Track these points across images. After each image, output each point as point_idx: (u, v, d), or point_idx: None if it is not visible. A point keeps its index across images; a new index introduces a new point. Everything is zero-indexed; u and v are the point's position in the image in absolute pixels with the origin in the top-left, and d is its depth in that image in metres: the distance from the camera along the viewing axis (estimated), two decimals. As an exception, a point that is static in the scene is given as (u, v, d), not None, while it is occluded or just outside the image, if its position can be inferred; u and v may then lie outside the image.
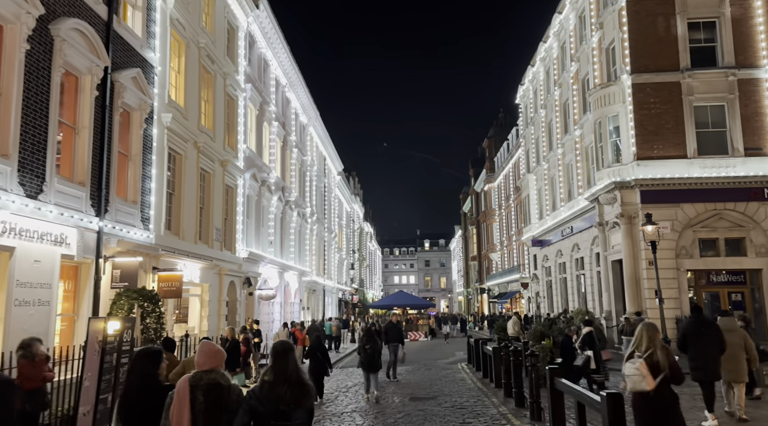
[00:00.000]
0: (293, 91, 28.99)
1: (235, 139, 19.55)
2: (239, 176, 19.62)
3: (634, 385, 5.52)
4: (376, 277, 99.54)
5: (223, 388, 4.07)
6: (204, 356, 4.20)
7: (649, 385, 5.42)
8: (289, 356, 4.16)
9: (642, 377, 5.44)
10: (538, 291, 37.77)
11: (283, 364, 4.09)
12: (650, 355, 5.56)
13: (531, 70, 37.28)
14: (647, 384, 5.42)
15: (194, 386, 4.04)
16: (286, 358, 4.13)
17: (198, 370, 4.15)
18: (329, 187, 42.82)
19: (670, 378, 5.51)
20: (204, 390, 4.02)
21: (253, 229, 21.60)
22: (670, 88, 21.87)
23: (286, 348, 4.24)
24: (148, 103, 12.86)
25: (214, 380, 4.07)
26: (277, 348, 4.24)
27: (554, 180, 32.77)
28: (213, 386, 4.04)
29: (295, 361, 4.17)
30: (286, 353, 4.17)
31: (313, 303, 35.46)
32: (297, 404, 3.99)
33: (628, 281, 21.61)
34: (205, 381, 4.06)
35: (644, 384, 5.43)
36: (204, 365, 4.16)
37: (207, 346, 4.30)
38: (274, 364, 4.14)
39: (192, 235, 15.71)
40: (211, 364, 4.16)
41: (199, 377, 4.08)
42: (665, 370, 5.48)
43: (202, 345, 4.35)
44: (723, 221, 21.12)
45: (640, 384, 5.46)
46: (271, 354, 4.27)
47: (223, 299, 17.78)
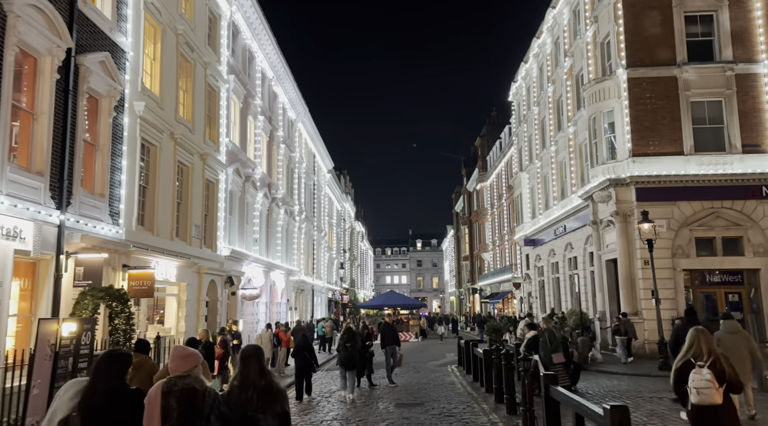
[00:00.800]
0: (280, 85, 28.21)
1: (217, 133, 18.77)
2: (221, 171, 18.84)
3: (706, 398, 5.16)
4: (367, 277, 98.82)
5: (198, 393, 3.88)
6: (177, 360, 4.04)
7: (721, 398, 5.14)
8: (258, 360, 3.97)
9: (715, 390, 5.13)
10: (530, 291, 37.19)
11: (249, 368, 3.91)
12: (713, 364, 5.28)
13: (524, 67, 36.69)
14: (719, 396, 5.13)
15: (167, 392, 3.86)
16: (254, 361, 3.95)
17: (172, 376, 3.97)
18: (319, 185, 42.05)
19: (729, 387, 5.25)
20: (178, 396, 3.84)
21: (237, 226, 20.82)
22: (666, 82, 21.31)
23: (254, 351, 4.04)
24: (118, 89, 12.07)
25: (189, 385, 3.89)
26: (245, 351, 4.05)
27: (547, 178, 32.18)
28: (187, 392, 3.86)
29: (263, 365, 3.97)
30: (254, 357, 3.98)
31: (301, 303, 34.68)
32: (265, 409, 3.81)
33: (622, 281, 21.01)
34: (179, 386, 3.88)
35: (717, 396, 5.13)
36: (177, 370, 3.99)
37: (180, 350, 4.13)
38: (242, 368, 3.96)
39: (168, 232, 14.93)
40: (185, 367, 3.99)
41: (173, 383, 3.91)
42: (730, 379, 5.24)
43: (174, 349, 4.19)
44: (720, 220, 20.58)
45: (713, 397, 5.11)
46: (240, 358, 4.07)
47: (202, 299, 17.00)
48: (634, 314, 20.53)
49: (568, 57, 27.90)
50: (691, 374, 5.29)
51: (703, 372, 5.20)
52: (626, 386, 14.06)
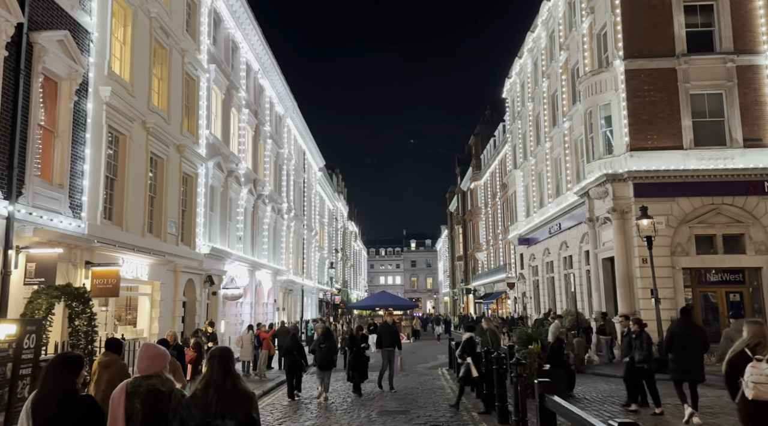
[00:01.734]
0: (267, 78, 27.32)
1: (196, 124, 17.88)
2: (200, 164, 17.95)
3: (763, 393, 4.95)
4: (361, 277, 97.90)
5: (164, 395, 3.74)
6: (146, 360, 3.87)
7: None
8: (223, 362, 3.81)
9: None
10: (524, 291, 36.43)
11: (213, 372, 3.75)
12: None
13: (518, 62, 35.93)
14: None
15: (132, 393, 3.71)
16: (220, 363, 3.79)
17: (137, 376, 3.82)
18: (309, 183, 41.16)
19: None
20: (143, 397, 3.70)
21: (218, 223, 19.92)
22: (665, 74, 20.57)
23: (221, 353, 3.87)
24: (79, 72, 11.18)
25: (154, 386, 3.75)
26: (212, 353, 3.89)
27: (542, 175, 31.42)
28: (152, 393, 3.72)
29: (230, 368, 3.80)
30: (220, 358, 3.82)
31: (290, 304, 33.78)
32: (227, 414, 3.62)
33: (620, 280, 20.25)
34: (145, 387, 3.73)
35: None
36: (145, 370, 3.83)
37: (149, 350, 3.94)
38: (207, 370, 3.81)
39: (139, 227, 14.03)
40: (154, 368, 3.84)
41: (138, 384, 3.76)
42: None
43: (143, 348, 3.99)
44: (721, 216, 19.85)
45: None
46: (206, 360, 3.89)
47: (178, 299, 16.10)
48: (632, 315, 19.76)
49: (563, 50, 27.15)
50: (748, 367, 5.08)
51: (762, 366, 5.01)
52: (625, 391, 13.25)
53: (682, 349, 9.35)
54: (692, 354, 9.32)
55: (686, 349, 9.32)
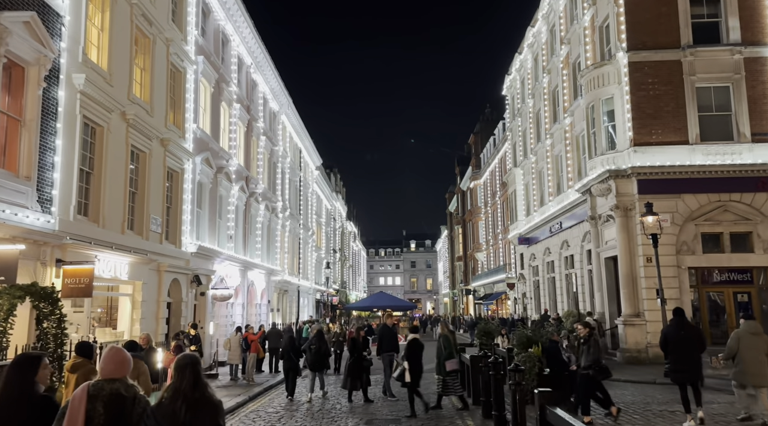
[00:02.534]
0: (260, 73, 26.62)
1: (182, 117, 17.18)
2: (187, 160, 17.24)
3: None
4: (360, 278, 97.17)
5: (127, 400, 3.64)
6: (111, 364, 3.76)
7: None
8: (193, 370, 3.73)
9: None
10: (524, 292, 35.72)
11: (182, 379, 3.68)
12: None
13: (518, 58, 35.24)
14: None
15: (94, 396, 3.61)
16: (189, 371, 3.71)
17: (100, 379, 3.72)
18: (306, 181, 40.46)
19: None
20: (105, 401, 3.60)
21: (207, 221, 19.21)
22: (670, 67, 19.88)
23: (190, 361, 3.79)
24: (49, 57, 10.48)
25: (117, 390, 3.65)
26: (180, 361, 3.81)
27: (542, 173, 30.72)
28: (115, 397, 3.62)
29: (199, 376, 3.73)
30: (189, 366, 3.74)
31: (285, 304, 33.06)
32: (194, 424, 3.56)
33: (623, 280, 19.54)
34: (108, 391, 3.63)
35: None
36: (110, 374, 3.72)
37: (115, 354, 3.84)
38: (174, 378, 3.74)
39: (118, 224, 13.33)
40: (119, 372, 3.75)
41: (101, 386, 3.66)
42: None
43: (108, 351, 3.88)
44: (728, 214, 19.15)
45: None
46: (174, 368, 3.81)
47: (162, 300, 15.39)
48: (636, 315, 19.08)
49: (564, 44, 26.45)
50: None
51: None
52: (631, 396, 12.56)
53: (677, 350, 9.42)
54: (687, 354, 9.36)
55: (681, 350, 9.37)
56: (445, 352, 10.94)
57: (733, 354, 9.15)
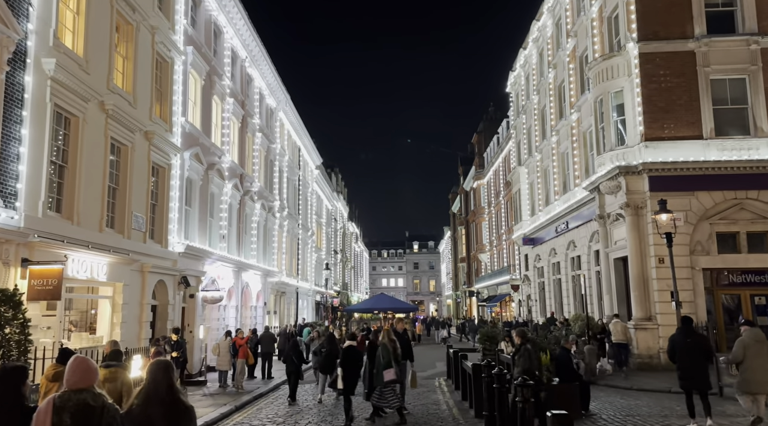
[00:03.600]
0: (256, 67, 25.77)
1: (169, 110, 16.33)
2: (174, 155, 16.39)
3: None
4: (362, 279, 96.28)
5: (95, 410, 3.56)
6: (77, 374, 3.67)
7: None
8: (165, 375, 3.75)
9: None
10: (529, 294, 34.76)
11: (154, 384, 3.70)
12: None
13: (523, 54, 34.31)
14: None
15: (61, 408, 3.53)
16: (160, 377, 3.74)
17: (67, 390, 3.63)
18: (305, 180, 39.60)
19: None
20: (72, 412, 3.52)
21: (197, 219, 18.35)
22: (682, 58, 18.95)
23: (162, 366, 3.82)
24: (12, 38, 9.64)
25: (84, 401, 3.57)
26: (151, 366, 3.84)
27: (548, 171, 29.78)
28: (82, 407, 3.54)
29: (171, 381, 3.75)
30: (161, 372, 3.77)
31: (283, 306, 32.18)
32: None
33: (634, 282, 18.60)
34: (74, 402, 3.55)
35: None
36: (76, 384, 3.62)
37: (80, 363, 3.74)
38: (146, 383, 3.75)
39: (95, 221, 12.47)
40: (85, 382, 3.65)
41: (68, 398, 3.57)
42: None
43: (73, 361, 3.76)
44: (744, 212, 18.20)
45: None
46: (146, 372, 3.83)
47: (145, 302, 14.52)
48: (647, 319, 18.13)
49: (570, 37, 25.53)
50: None
51: None
52: (647, 407, 11.62)
53: (684, 358, 9.51)
54: (694, 362, 9.45)
55: (688, 358, 9.47)
56: (383, 362, 10.33)
57: (739, 362, 9.03)
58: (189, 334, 17.75)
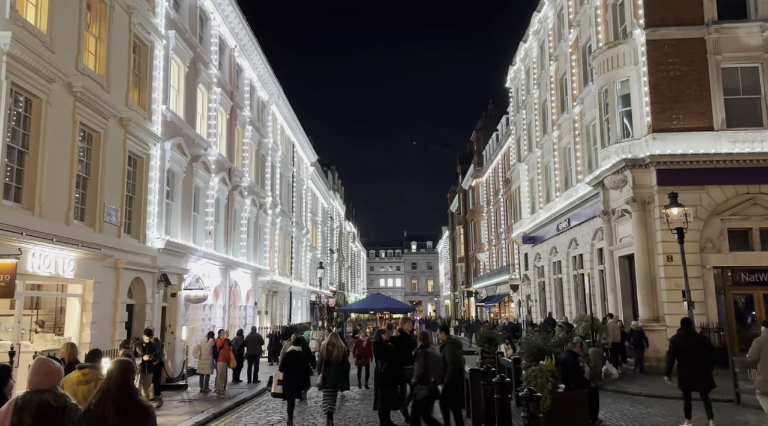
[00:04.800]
0: (246, 58, 24.79)
1: (149, 97, 15.35)
2: (154, 144, 15.40)
3: None
4: (359, 279, 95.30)
5: (56, 410, 3.60)
6: (40, 375, 3.70)
7: None
8: (121, 374, 3.70)
9: None
10: (529, 294, 33.82)
11: (110, 385, 3.66)
12: None
13: (523, 47, 33.36)
14: None
15: (22, 408, 3.58)
16: (117, 376, 3.68)
17: (29, 391, 3.68)
18: (299, 177, 38.61)
19: None
20: (33, 412, 3.56)
21: (179, 214, 17.37)
22: (692, 45, 18.01)
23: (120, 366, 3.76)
24: (-42, 7, 8.64)
25: (45, 401, 3.60)
26: (110, 366, 3.79)
27: (548, 168, 28.84)
28: (43, 407, 3.58)
29: (128, 381, 3.70)
30: (118, 371, 3.71)
31: (275, 307, 31.18)
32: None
33: (640, 281, 17.66)
34: (36, 402, 3.59)
35: None
36: (39, 385, 3.67)
37: (44, 364, 3.77)
38: (103, 384, 3.74)
39: (62, 213, 11.50)
40: (48, 383, 3.69)
41: (29, 398, 3.62)
42: None
43: (35, 362, 3.82)
44: (758, 207, 17.28)
45: None
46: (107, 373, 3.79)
47: (120, 301, 13.54)
48: (655, 320, 17.19)
49: (573, 28, 24.58)
50: None
51: None
52: (660, 416, 10.67)
53: (686, 359, 9.58)
54: (697, 362, 9.53)
55: (690, 359, 9.54)
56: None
57: (755, 362, 8.86)
58: (171, 334, 16.77)
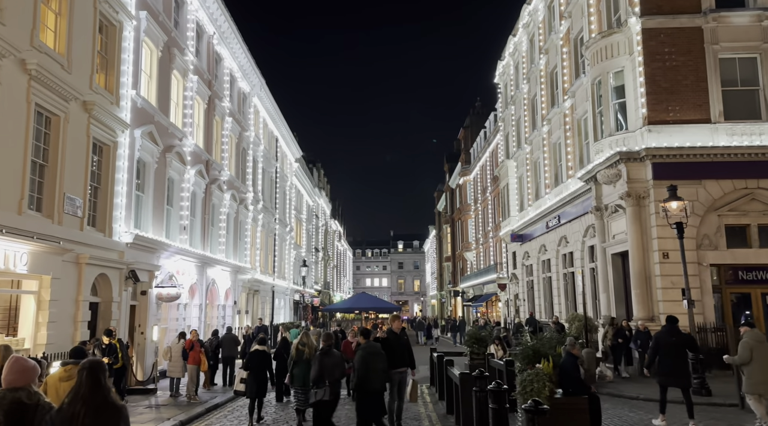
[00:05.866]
0: (226, 46, 23.77)
1: (116, 81, 14.33)
2: (122, 131, 14.38)
3: None
4: (346, 279, 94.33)
5: (29, 408, 3.63)
6: (14, 373, 3.74)
7: None
8: (94, 374, 3.65)
9: None
10: (517, 293, 33.16)
11: (82, 385, 3.61)
12: None
13: (512, 41, 32.66)
14: None
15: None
16: (89, 375, 3.63)
17: (2, 389, 3.73)
18: (283, 173, 37.60)
19: None
20: (6, 409, 3.60)
21: (151, 207, 16.34)
22: (689, 35, 17.39)
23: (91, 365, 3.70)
24: None
25: (18, 399, 3.64)
26: (81, 365, 3.73)
27: (538, 164, 28.16)
28: (16, 405, 3.62)
29: (100, 381, 3.65)
30: (90, 370, 3.65)
31: (256, 306, 30.16)
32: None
33: (635, 279, 16.99)
34: (9, 399, 3.64)
35: None
36: (12, 383, 3.71)
37: (18, 362, 3.79)
38: (75, 384, 3.66)
39: (12, 202, 10.48)
40: (22, 381, 3.72)
41: (2, 395, 3.67)
42: None
43: (9, 360, 3.83)
44: (756, 203, 16.68)
45: None
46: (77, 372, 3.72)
47: (82, 299, 12.53)
48: (650, 319, 16.50)
49: (564, 19, 23.90)
50: None
51: None
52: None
53: (667, 355, 9.71)
54: (677, 359, 9.67)
55: (671, 355, 9.67)
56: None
57: (746, 363, 9.00)
58: (140, 335, 15.77)
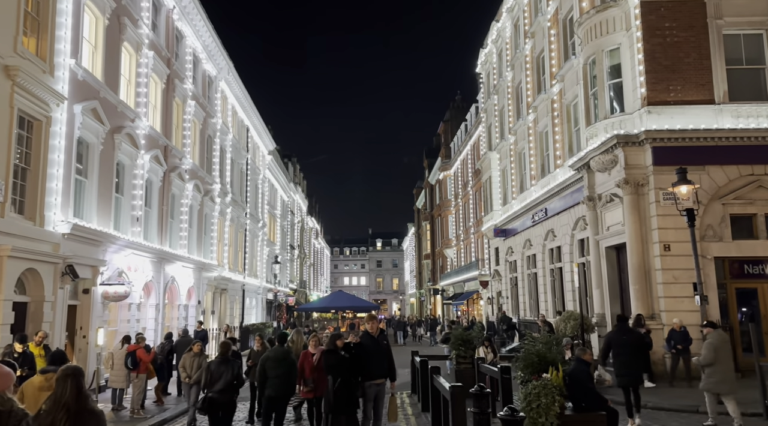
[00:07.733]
0: (188, 23, 21.81)
1: (50, 47, 12.39)
2: (57, 105, 12.45)
3: None
4: (323, 277, 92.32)
5: (2, 414, 3.51)
6: None
7: None
8: (74, 381, 3.71)
9: None
10: (500, 290, 31.77)
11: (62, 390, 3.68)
12: None
13: (495, 27, 31.22)
14: None
15: None
16: (69, 383, 3.70)
17: None
18: (255, 166, 35.65)
19: None
20: None
21: (95, 193, 14.39)
22: (691, 8, 16.08)
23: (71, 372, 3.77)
24: None
25: None
26: (61, 371, 3.80)
27: (523, 155, 26.77)
28: None
29: (81, 387, 3.73)
30: (71, 377, 3.73)
31: (224, 305, 28.22)
32: None
33: (633, 274, 15.61)
34: None
35: None
36: None
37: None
38: (55, 390, 3.73)
39: None
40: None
41: None
42: None
43: None
44: (763, 191, 15.46)
45: None
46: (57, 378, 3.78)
47: (2, 298, 10.61)
48: (650, 318, 15.14)
49: (552, 0, 22.51)
50: None
51: None
52: None
53: (619, 355, 9.78)
54: (628, 358, 9.68)
55: (622, 355, 9.73)
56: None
57: (710, 364, 9.05)
58: (82, 339, 13.85)
